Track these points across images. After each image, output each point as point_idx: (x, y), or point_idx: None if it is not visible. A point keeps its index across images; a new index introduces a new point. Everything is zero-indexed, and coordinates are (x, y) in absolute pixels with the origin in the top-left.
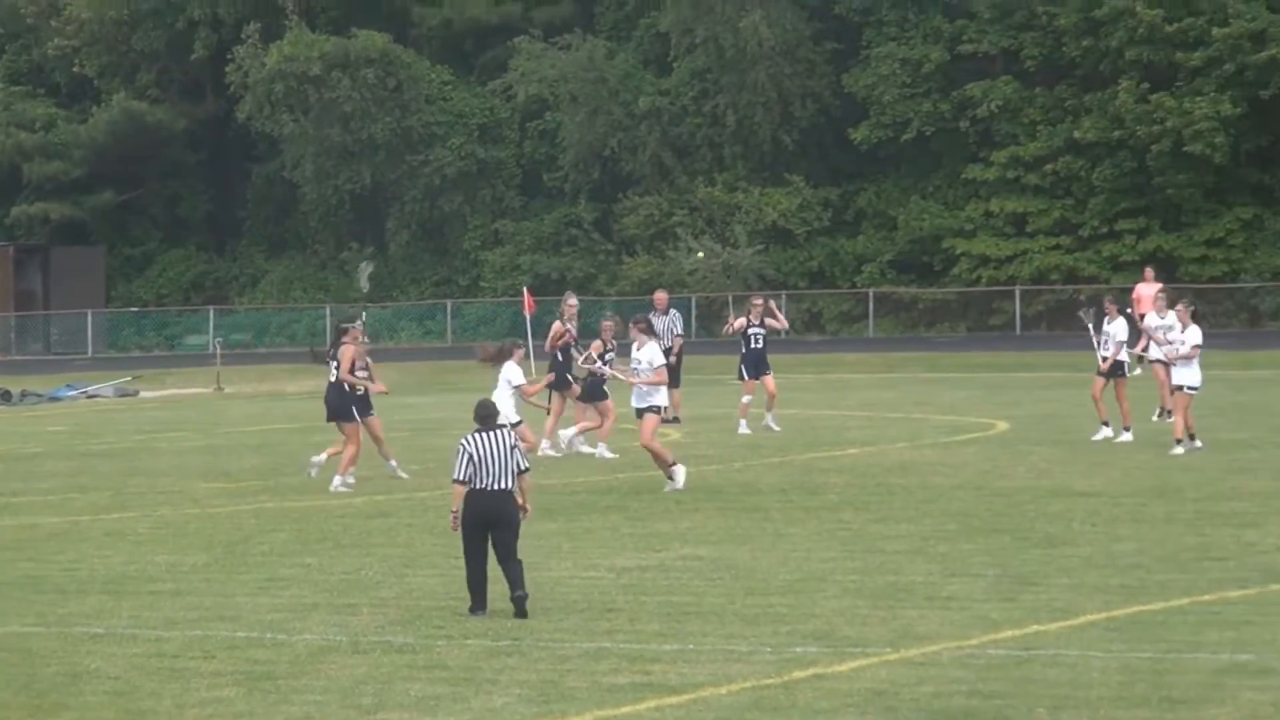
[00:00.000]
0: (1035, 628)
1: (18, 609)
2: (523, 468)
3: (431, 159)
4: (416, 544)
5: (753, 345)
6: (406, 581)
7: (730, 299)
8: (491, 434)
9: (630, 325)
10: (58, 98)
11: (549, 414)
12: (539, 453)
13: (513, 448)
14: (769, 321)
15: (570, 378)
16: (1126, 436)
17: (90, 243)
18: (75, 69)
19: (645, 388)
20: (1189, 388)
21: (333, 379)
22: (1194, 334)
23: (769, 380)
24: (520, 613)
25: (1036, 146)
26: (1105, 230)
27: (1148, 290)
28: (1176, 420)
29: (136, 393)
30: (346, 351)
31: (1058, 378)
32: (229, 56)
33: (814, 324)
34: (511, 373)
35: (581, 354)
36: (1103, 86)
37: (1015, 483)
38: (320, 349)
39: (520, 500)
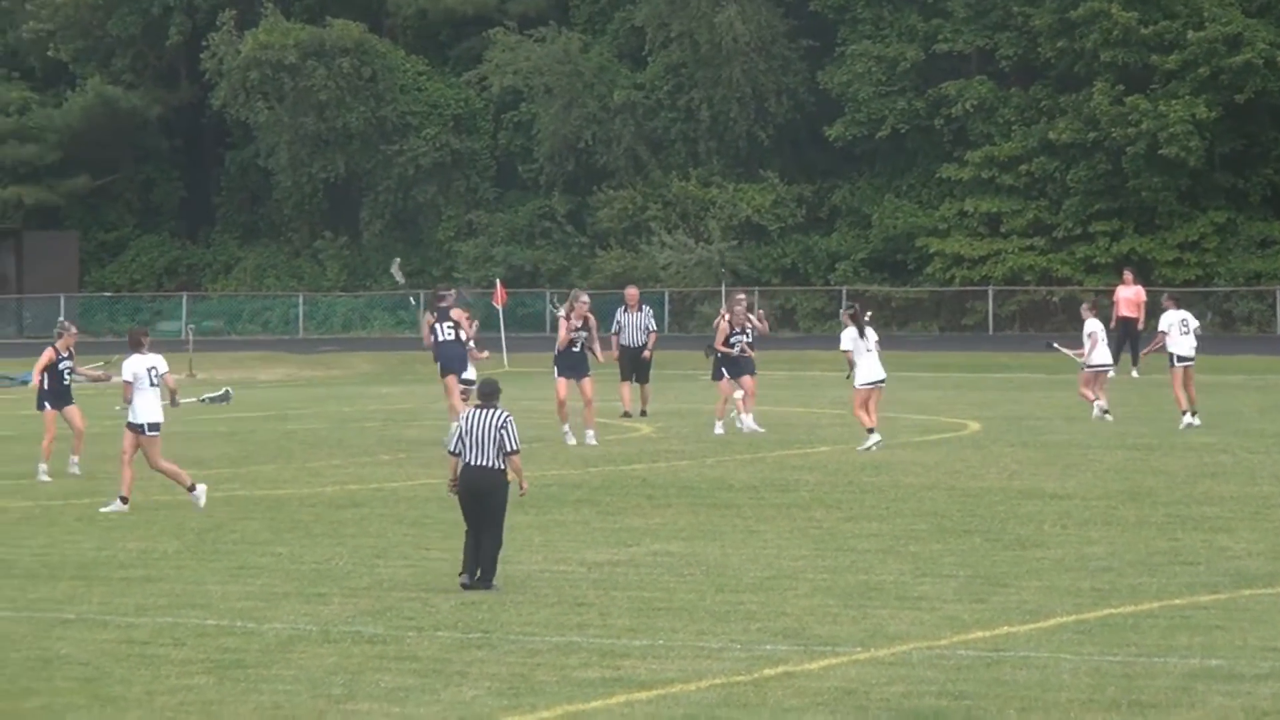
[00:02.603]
0: (1006, 629)
1: None
2: (509, 448)
3: (406, 149)
4: (388, 534)
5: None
6: (377, 572)
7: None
8: (485, 412)
9: None
10: (32, 81)
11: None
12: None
13: (500, 427)
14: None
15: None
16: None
17: (64, 227)
18: (50, 53)
19: None
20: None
21: (452, 338)
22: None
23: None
24: (476, 585)
25: (1011, 147)
26: (1079, 232)
27: (1126, 292)
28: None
29: (109, 378)
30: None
31: (1030, 379)
32: (204, 43)
33: (787, 321)
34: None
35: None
36: (1078, 88)
37: (987, 483)
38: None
39: (515, 477)
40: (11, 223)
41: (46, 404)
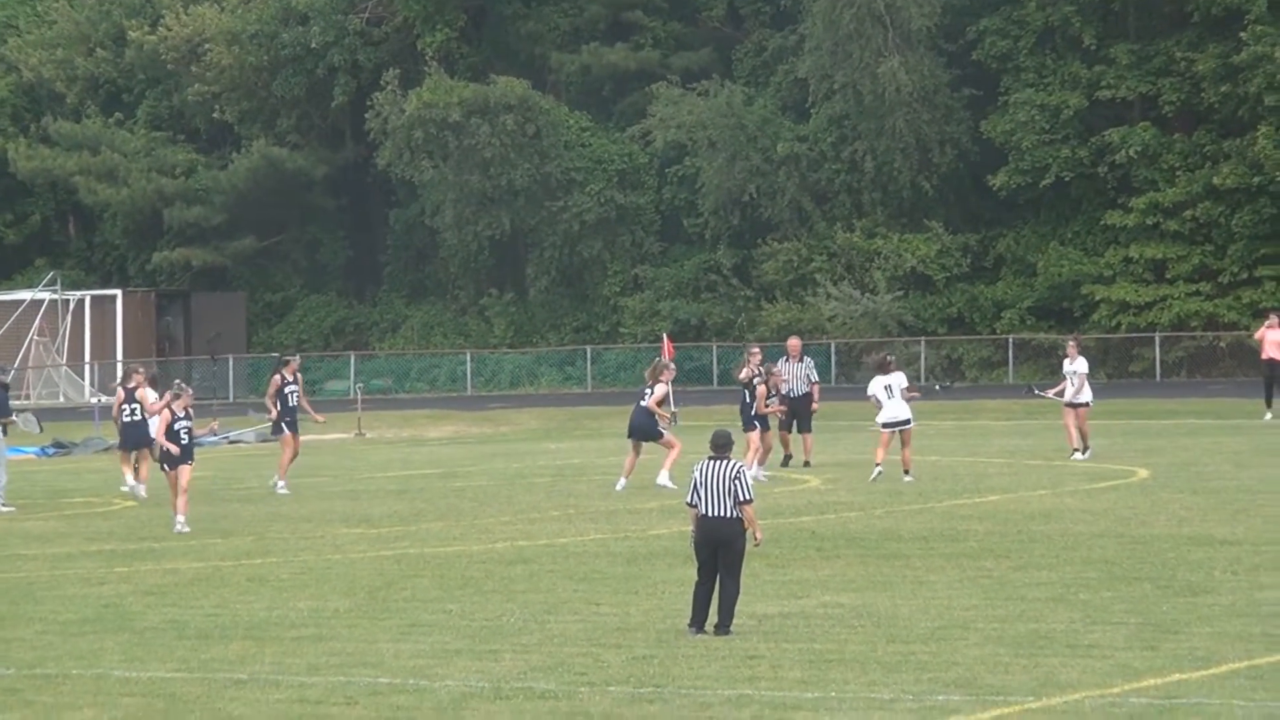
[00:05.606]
0: (1177, 676)
1: (161, 654)
2: (742, 498)
3: (571, 205)
4: (558, 590)
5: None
6: (548, 628)
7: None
8: (719, 463)
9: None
10: (198, 144)
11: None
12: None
13: (734, 478)
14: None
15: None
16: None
17: (231, 288)
18: (215, 115)
19: None
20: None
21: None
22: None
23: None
24: (715, 632)
25: (1175, 192)
26: (1245, 276)
27: (1275, 335)
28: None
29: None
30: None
31: (1198, 425)
32: (368, 103)
33: (954, 370)
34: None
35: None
36: (1241, 132)
37: (1156, 530)
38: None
39: (749, 527)
40: (179, 284)
41: (166, 466)
